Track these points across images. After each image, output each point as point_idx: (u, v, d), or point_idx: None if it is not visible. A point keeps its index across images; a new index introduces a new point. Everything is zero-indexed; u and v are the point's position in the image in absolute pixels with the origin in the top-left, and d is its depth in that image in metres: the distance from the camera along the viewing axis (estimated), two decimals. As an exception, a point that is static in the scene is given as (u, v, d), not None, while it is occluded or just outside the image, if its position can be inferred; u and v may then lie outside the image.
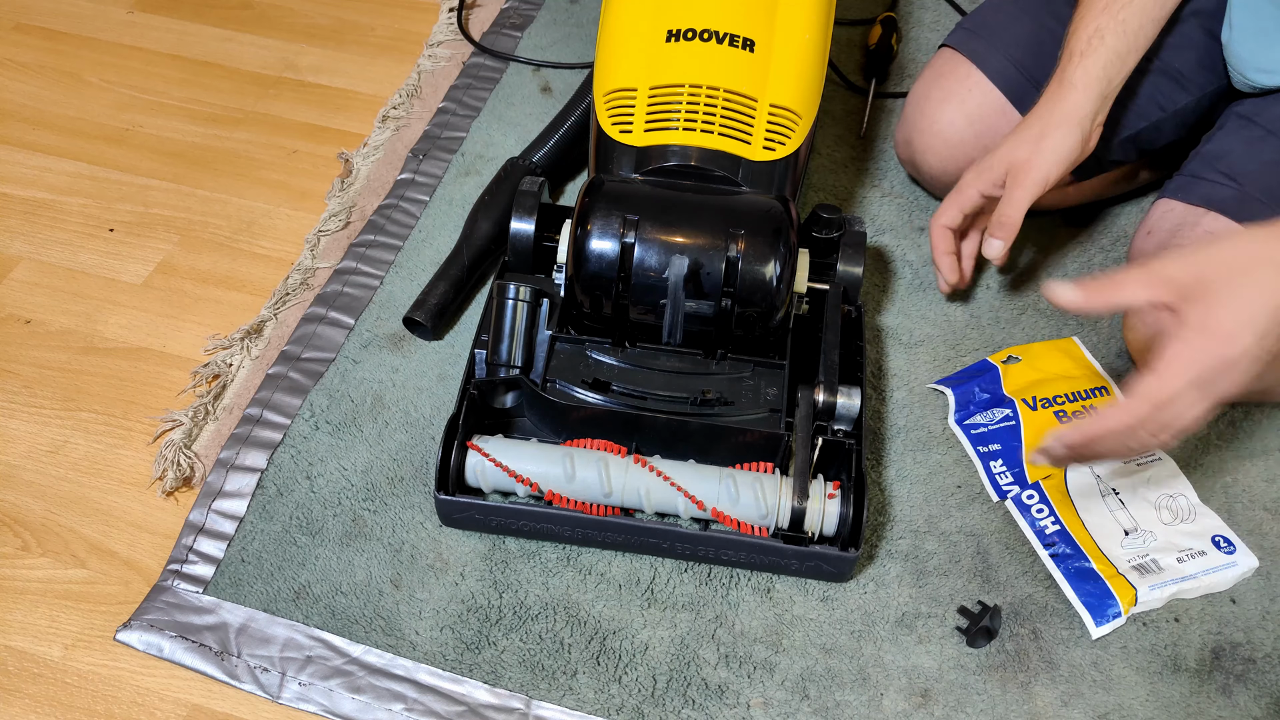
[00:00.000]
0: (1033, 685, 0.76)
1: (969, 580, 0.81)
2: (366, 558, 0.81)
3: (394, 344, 0.95)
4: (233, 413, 0.91)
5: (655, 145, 0.83)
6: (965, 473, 0.88)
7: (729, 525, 0.78)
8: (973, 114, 0.98)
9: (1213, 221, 0.85)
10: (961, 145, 0.99)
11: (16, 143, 1.14)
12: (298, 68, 1.24)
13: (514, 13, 1.31)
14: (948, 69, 1.00)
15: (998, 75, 0.97)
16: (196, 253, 1.04)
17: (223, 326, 0.97)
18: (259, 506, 0.84)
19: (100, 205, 1.08)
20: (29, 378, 0.93)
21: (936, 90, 1.00)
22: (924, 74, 1.03)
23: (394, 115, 1.17)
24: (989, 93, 0.98)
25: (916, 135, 1.02)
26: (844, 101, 1.20)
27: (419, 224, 1.05)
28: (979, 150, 0.98)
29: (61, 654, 0.76)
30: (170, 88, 1.21)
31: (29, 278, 1.01)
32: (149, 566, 0.81)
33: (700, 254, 0.79)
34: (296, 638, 0.77)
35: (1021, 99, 0.97)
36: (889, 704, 0.75)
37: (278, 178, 1.12)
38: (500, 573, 0.80)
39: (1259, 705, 0.76)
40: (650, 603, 0.79)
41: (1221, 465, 0.89)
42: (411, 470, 0.86)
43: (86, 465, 0.87)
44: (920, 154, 1.02)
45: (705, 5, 0.87)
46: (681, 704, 0.74)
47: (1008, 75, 0.97)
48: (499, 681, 0.75)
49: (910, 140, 1.03)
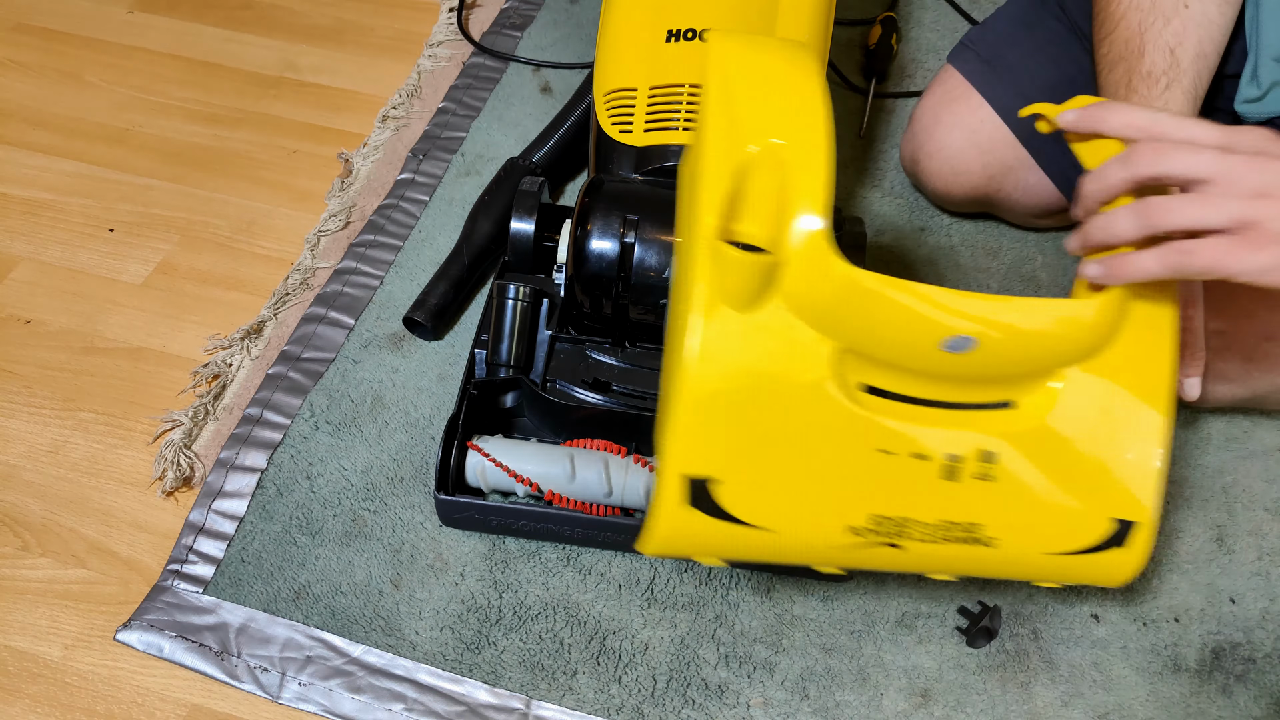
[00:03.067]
0: (1033, 685, 0.76)
1: (969, 580, 0.81)
2: (366, 558, 0.81)
3: (394, 344, 0.95)
4: (233, 413, 0.91)
5: (655, 145, 0.83)
6: (965, 473, 0.88)
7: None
8: (983, 146, 0.99)
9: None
10: (968, 174, 1.00)
11: (16, 143, 1.14)
12: (298, 68, 1.24)
13: (514, 13, 1.31)
14: (959, 94, 1.00)
15: (1009, 114, 0.97)
16: (196, 253, 1.04)
17: (223, 326, 0.97)
18: (259, 506, 0.84)
19: (100, 205, 1.08)
20: (29, 378, 0.93)
21: (947, 114, 1.00)
22: (934, 90, 1.02)
23: (394, 115, 1.17)
24: (999, 128, 0.98)
25: (923, 157, 1.02)
26: (844, 101, 1.20)
27: (419, 224, 1.05)
28: (984, 179, 0.99)
29: (61, 654, 0.76)
30: (170, 88, 1.21)
31: (29, 278, 1.01)
32: (149, 566, 0.81)
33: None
34: (296, 638, 0.77)
35: (1031, 138, 0.97)
36: (889, 704, 0.75)
37: (278, 178, 1.12)
38: (500, 573, 0.80)
39: (1259, 705, 0.76)
40: (650, 603, 0.79)
41: (1221, 465, 0.89)
42: (411, 470, 0.86)
43: (86, 465, 0.87)
44: (925, 175, 1.03)
45: (705, 5, 0.87)
46: (681, 704, 0.74)
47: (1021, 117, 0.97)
48: (499, 681, 0.75)
49: (916, 159, 1.03)
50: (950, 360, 0.57)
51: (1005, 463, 0.59)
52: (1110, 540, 0.61)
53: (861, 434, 0.58)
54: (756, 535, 0.59)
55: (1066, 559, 0.61)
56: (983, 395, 0.60)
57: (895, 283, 0.56)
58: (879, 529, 0.59)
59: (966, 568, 0.63)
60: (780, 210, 0.55)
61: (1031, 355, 0.59)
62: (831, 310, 0.56)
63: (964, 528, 0.60)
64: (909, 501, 0.59)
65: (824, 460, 0.58)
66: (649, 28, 0.86)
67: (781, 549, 0.60)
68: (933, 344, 0.57)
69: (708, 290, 0.55)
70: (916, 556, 0.61)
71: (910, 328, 0.56)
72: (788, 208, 0.54)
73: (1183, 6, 0.79)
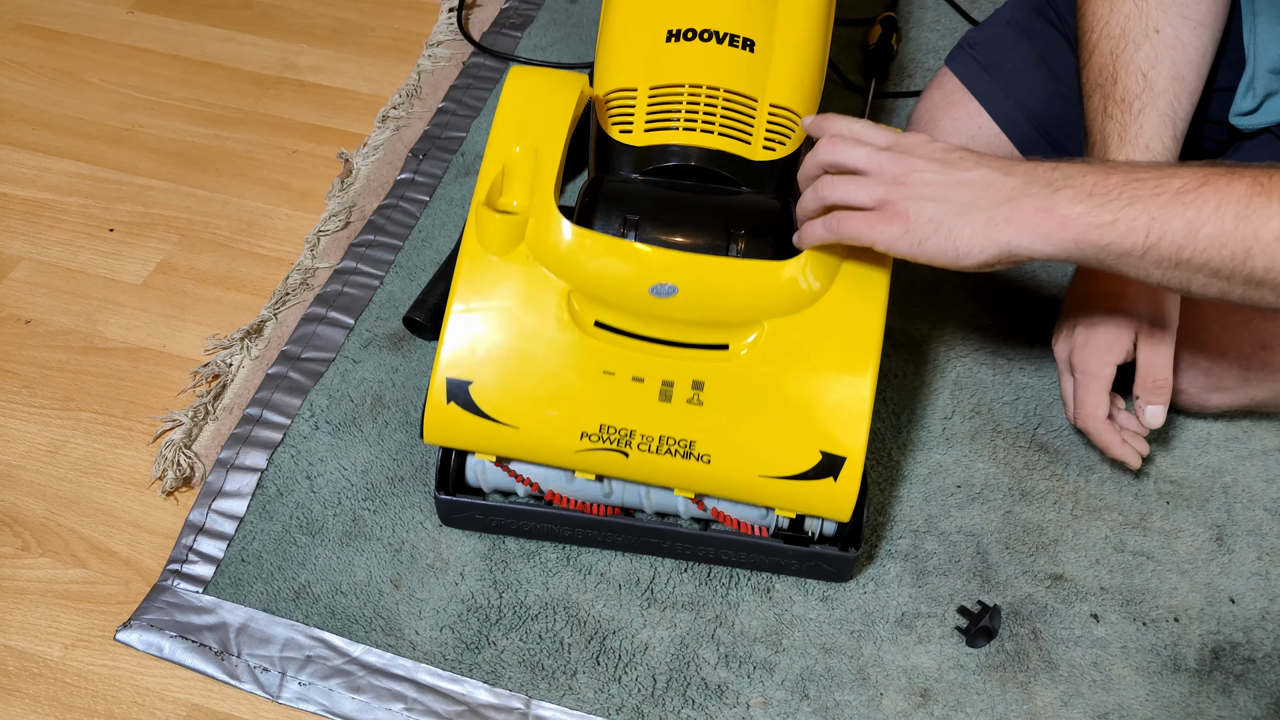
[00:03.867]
0: (1033, 685, 0.76)
1: (969, 580, 0.81)
2: (366, 558, 0.81)
3: (394, 344, 0.95)
4: (233, 413, 0.91)
5: (655, 145, 0.83)
6: (965, 473, 0.88)
7: (729, 525, 0.78)
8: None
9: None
10: None
11: (16, 143, 1.14)
12: (298, 68, 1.24)
13: (514, 13, 1.31)
14: (958, 99, 1.00)
15: (1009, 124, 0.98)
16: (196, 253, 1.04)
17: (223, 326, 0.97)
18: (259, 506, 0.84)
19: (100, 205, 1.08)
20: (29, 378, 0.93)
21: (946, 120, 1.00)
22: (931, 94, 1.02)
23: (394, 115, 1.17)
24: (997, 136, 0.98)
25: None
26: (844, 101, 1.20)
27: (419, 224, 1.05)
28: None
29: (61, 654, 0.76)
30: (170, 88, 1.21)
31: (29, 278, 1.01)
32: (149, 566, 0.81)
33: (700, 253, 0.79)
34: (296, 637, 0.77)
35: (1029, 149, 0.97)
36: (889, 704, 0.75)
37: (278, 178, 1.12)
38: (500, 573, 0.80)
39: (1259, 705, 0.76)
40: (650, 603, 0.79)
41: (1221, 465, 0.89)
42: (411, 470, 0.86)
43: (86, 465, 0.87)
44: None
45: (705, 5, 0.87)
46: (681, 704, 0.74)
47: (1019, 125, 0.97)
48: (499, 681, 0.75)
49: None
50: (662, 304, 0.75)
51: (712, 391, 0.73)
52: (821, 470, 0.72)
53: (588, 356, 0.73)
54: (505, 431, 0.74)
55: (780, 483, 0.73)
56: (702, 338, 0.74)
57: (610, 240, 0.75)
58: (607, 436, 0.73)
59: (690, 482, 0.74)
60: (530, 188, 0.76)
61: (735, 305, 0.75)
62: (560, 257, 0.75)
63: (681, 444, 0.73)
64: (631, 416, 0.73)
65: (559, 375, 0.73)
66: (649, 28, 0.86)
67: (527, 445, 0.74)
68: (643, 289, 0.74)
69: (471, 240, 0.75)
70: (642, 465, 0.73)
71: (621, 273, 0.75)
72: (534, 185, 0.76)
73: (1153, 32, 0.80)
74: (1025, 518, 0.85)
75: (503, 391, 0.73)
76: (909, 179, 0.66)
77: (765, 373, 0.73)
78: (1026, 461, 0.89)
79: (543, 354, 0.73)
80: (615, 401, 0.73)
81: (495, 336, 0.74)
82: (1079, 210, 0.62)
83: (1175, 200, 0.61)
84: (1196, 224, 0.60)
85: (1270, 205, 0.59)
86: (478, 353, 0.74)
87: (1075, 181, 0.63)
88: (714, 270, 0.74)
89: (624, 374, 0.73)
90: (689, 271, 0.74)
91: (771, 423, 0.73)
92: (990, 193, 0.64)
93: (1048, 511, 0.86)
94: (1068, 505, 0.86)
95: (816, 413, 0.73)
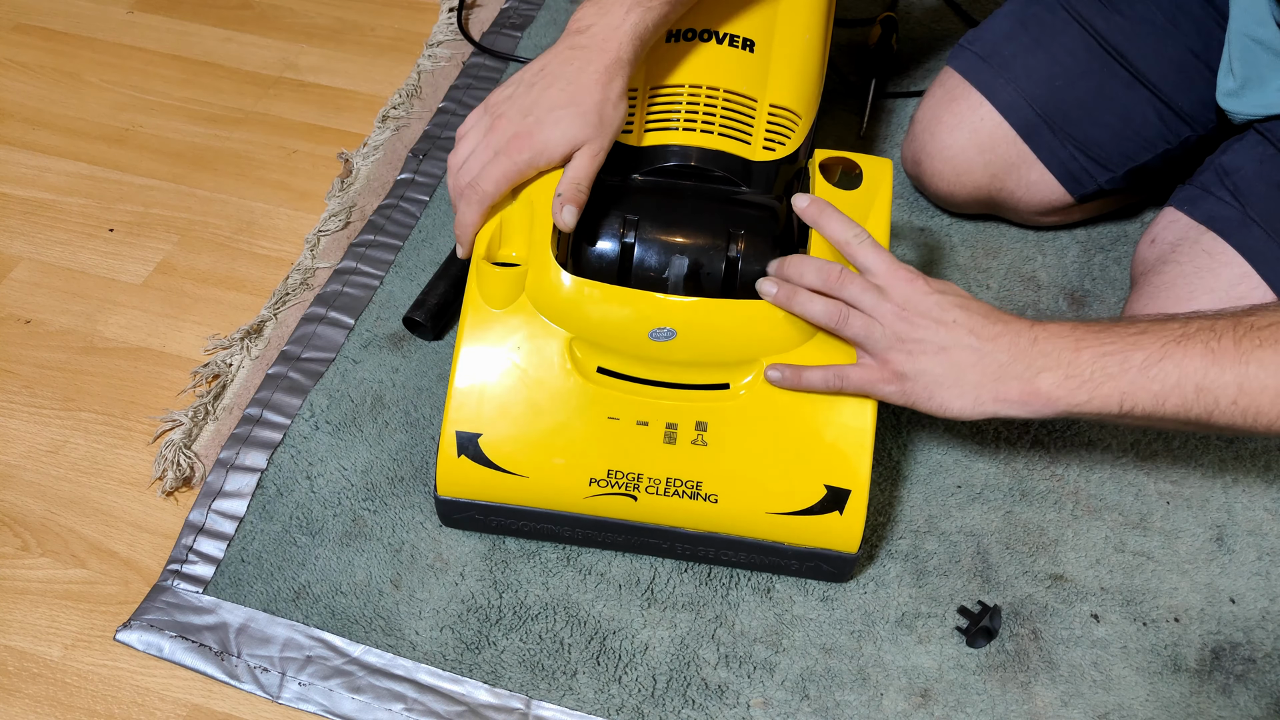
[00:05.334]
0: (1033, 685, 0.76)
1: (969, 580, 0.81)
2: (366, 558, 0.81)
3: (394, 344, 0.95)
4: (233, 413, 0.91)
5: (655, 145, 0.83)
6: (965, 473, 0.88)
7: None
8: (984, 144, 0.99)
9: (1211, 242, 0.86)
10: (970, 173, 1.00)
11: (16, 143, 1.14)
12: (298, 68, 1.24)
13: (514, 13, 1.31)
14: (959, 93, 1.00)
15: (1009, 110, 0.98)
16: (196, 253, 1.04)
17: (223, 326, 0.97)
18: (259, 506, 0.84)
19: (100, 205, 1.08)
20: (29, 378, 0.93)
21: (948, 115, 1.00)
22: (933, 92, 1.03)
23: (394, 115, 1.17)
24: (1000, 125, 0.98)
25: (926, 159, 1.02)
26: (844, 101, 1.20)
27: (419, 224, 1.05)
28: (987, 178, 1.00)
29: (61, 654, 0.76)
30: (170, 88, 1.21)
31: (29, 278, 1.01)
32: (149, 566, 0.81)
33: (700, 254, 0.79)
34: (296, 638, 0.77)
35: (1032, 133, 0.98)
36: (889, 704, 0.75)
37: (278, 178, 1.12)
38: (500, 573, 0.80)
39: (1259, 705, 0.76)
40: (650, 603, 0.79)
41: (1221, 465, 0.89)
42: (411, 470, 0.86)
43: (86, 465, 0.87)
44: (928, 176, 1.03)
45: (705, 5, 0.87)
46: (681, 704, 0.74)
47: (1019, 110, 0.97)
48: (499, 681, 0.75)
49: (919, 161, 1.03)
50: (662, 348, 0.75)
51: (715, 431, 0.74)
52: (826, 505, 0.74)
53: (593, 403, 0.75)
54: (515, 480, 0.75)
55: (787, 519, 0.74)
56: (703, 378, 0.76)
57: (608, 288, 0.75)
58: (615, 481, 0.75)
59: (698, 521, 0.76)
60: (528, 237, 0.77)
61: (732, 345, 0.75)
62: (560, 306, 0.75)
63: (688, 485, 0.74)
64: (638, 459, 0.74)
65: (565, 423, 0.75)
66: (649, 28, 0.86)
67: (537, 493, 0.76)
68: (642, 333, 0.75)
69: (474, 294, 0.76)
70: (651, 507, 0.75)
71: (620, 319, 0.75)
72: (532, 236, 0.76)
73: None
74: (1025, 518, 0.85)
75: (511, 442, 0.75)
76: (908, 338, 0.71)
77: (766, 410, 0.74)
78: (1026, 461, 0.89)
79: (548, 403, 0.75)
80: (621, 446, 0.74)
81: (501, 388, 0.75)
82: (1059, 393, 0.70)
83: (1141, 375, 0.69)
84: (1162, 397, 0.69)
85: (1224, 375, 0.67)
86: (485, 405, 0.75)
87: (1052, 361, 0.70)
88: (710, 312, 0.75)
89: (628, 418, 0.74)
90: (686, 315, 0.75)
91: (775, 459, 0.74)
92: (978, 370, 0.70)
93: (1048, 511, 0.86)
94: (1068, 505, 0.86)
95: (819, 447, 0.74)
